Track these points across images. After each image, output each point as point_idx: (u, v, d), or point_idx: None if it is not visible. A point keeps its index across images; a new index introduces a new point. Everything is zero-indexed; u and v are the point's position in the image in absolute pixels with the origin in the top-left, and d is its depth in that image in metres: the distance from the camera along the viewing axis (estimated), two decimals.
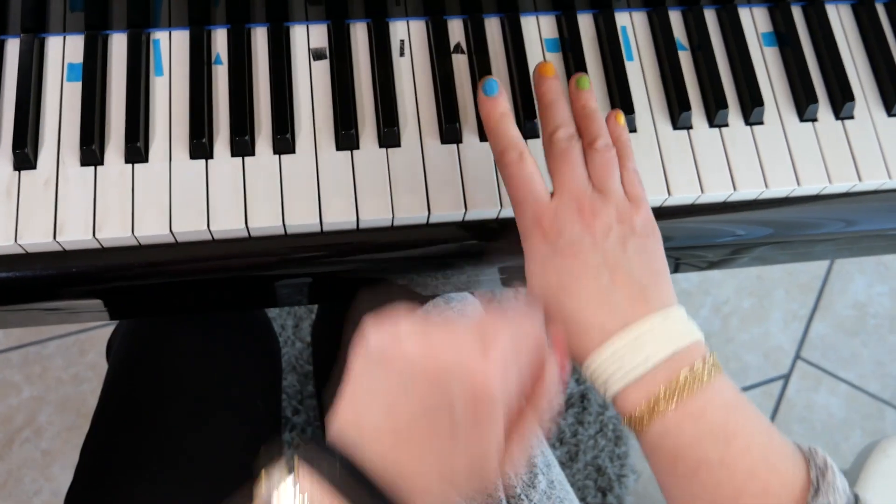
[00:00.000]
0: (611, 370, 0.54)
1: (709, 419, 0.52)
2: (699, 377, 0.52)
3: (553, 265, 0.56)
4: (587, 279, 0.55)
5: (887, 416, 1.62)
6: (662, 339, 0.53)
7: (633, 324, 0.54)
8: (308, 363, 1.32)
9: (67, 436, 1.48)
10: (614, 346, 0.53)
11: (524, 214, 0.58)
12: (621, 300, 0.55)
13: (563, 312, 0.55)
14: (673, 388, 0.52)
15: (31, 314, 0.72)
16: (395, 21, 0.72)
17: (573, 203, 0.57)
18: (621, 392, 0.54)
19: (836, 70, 0.74)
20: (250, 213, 0.64)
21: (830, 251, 0.80)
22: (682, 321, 0.55)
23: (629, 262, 0.56)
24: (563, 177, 0.58)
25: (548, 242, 0.56)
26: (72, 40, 0.68)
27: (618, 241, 0.56)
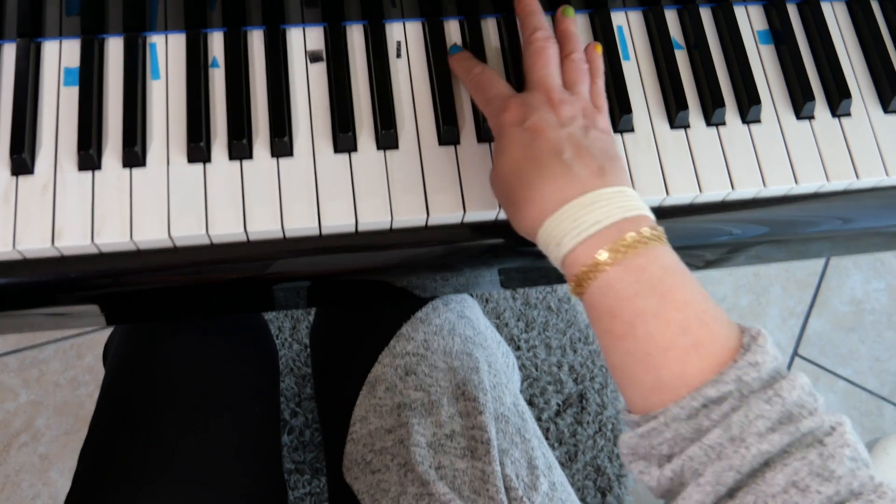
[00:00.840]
0: (565, 227, 0.56)
1: (650, 274, 0.55)
2: (644, 240, 0.55)
3: (521, 140, 0.60)
4: (550, 153, 0.59)
5: (886, 412, 1.62)
6: (615, 206, 0.56)
7: (591, 191, 0.57)
8: (305, 365, 1.32)
9: (65, 440, 1.48)
10: (571, 207, 0.57)
11: (493, 105, 0.63)
12: (581, 172, 0.58)
13: (526, 182, 0.59)
14: (618, 245, 0.55)
15: (29, 319, 0.71)
16: (391, 23, 0.72)
17: (543, 93, 0.62)
18: (572, 249, 0.56)
19: (832, 67, 0.74)
20: (249, 217, 0.64)
21: (827, 249, 0.80)
22: (634, 197, 0.58)
23: (590, 146, 0.59)
24: (537, 72, 0.63)
25: (517, 122, 0.60)
26: (68, 44, 0.68)
27: (581, 128, 0.60)
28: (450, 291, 0.80)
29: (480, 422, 0.75)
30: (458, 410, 0.77)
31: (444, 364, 0.79)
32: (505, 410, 0.79)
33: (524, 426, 0.80)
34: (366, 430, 0.78)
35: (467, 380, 0.78)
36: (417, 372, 0.79)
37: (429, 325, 0.81)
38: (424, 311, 0.82)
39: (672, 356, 0.53)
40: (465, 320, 0.84)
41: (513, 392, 0.83)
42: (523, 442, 0.78)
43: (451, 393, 0.78)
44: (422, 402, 0.77)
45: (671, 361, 0.53)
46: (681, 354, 0.53)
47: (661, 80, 0.72)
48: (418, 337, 0.81)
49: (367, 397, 0.79)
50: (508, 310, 1.42)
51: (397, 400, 0.78)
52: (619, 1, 0.74)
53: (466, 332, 0.83)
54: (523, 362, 1.34)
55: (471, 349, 0.81)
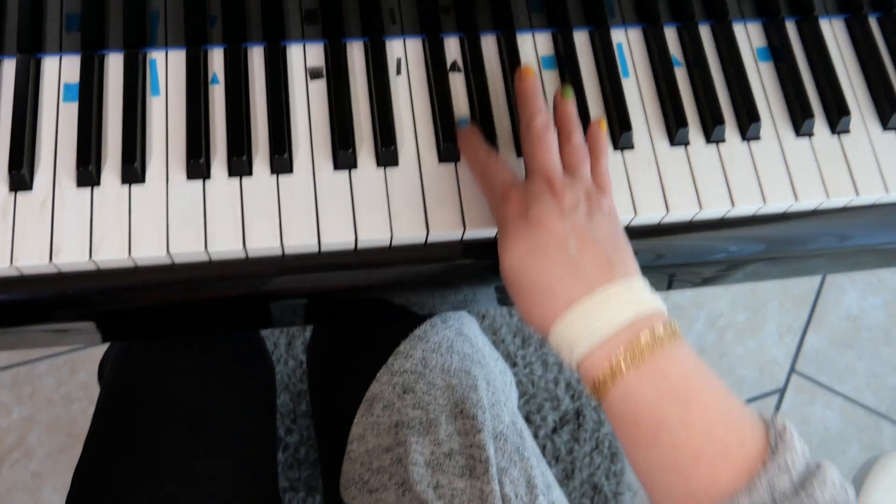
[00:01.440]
0: (576, 332, 0.55)
1: (668, 380, 0.54)
2: (659, 340, 0.54)
3: (523, 235, 0.58)
4: (555, 248, 0.57)
5: (884, 429, 1.62)
6: (626, 304, 0.55)
7: (598, 288, 0.56)
8: (301, 382, 1.31)
9: (58, 457, 1.47)
10: (581, 309, 0.55)
11: (495, 195, 0.62)
12: (588, 268, 0.57)
13: (532, 280, 0.58)
14: (633, 349, 0.54)
15: (24, 336, 0.71)
16: (391, 39, 0.72)
17: (544, 180, 0.60)
18: (586, 355, 0.55)
19: (831, 85, 0.74)
20: (248, 233, 0.63)
21: (824, 266, 0.80)
22: (645, 290, 0.57)
23: (595, 234, 0.58)
24: (537, 159, 0.62)
25: (519, 215, 0.59)
26: (68, 60, 0.68)
27: (585, 214, 0.59)
28: (448, 309, 0.80)
29: (479, 440, 0.75)
30: (456, 429, 0.76)
31: (443, 382, 0.79)
32: (503, 429, 0.78)
33: (523, 445, 0.79)
34: (363, 449, 0.78)
35: (466, 398, 0.78)
36: (415, 390, 0.78)
37: (427, 342, 0.81)
38: (423, 328, 0.82)
39: (702, 464, 0.52)
40: (464, 338, 0.84)
41: (511, 410, 0.83)
42: (522, 461, 0.77)
43: (450, 411, 0.77)
44: (420, 420, 0.77)
45: (701, 471, 0.52)
46: (710, 462, 0.52)
47: (660, 97, 0.72)
48: (416, 354, 0.80)
49: (365, 415, 0.79)
50: (505, 326, 1.42)
51: (395, 418, 0.77)
52: (618, 18, 0.74)
53: (465, 349, 0.82)
54: (520, 379, 1.34)
55: (469, 367, 0.81)
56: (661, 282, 0.78)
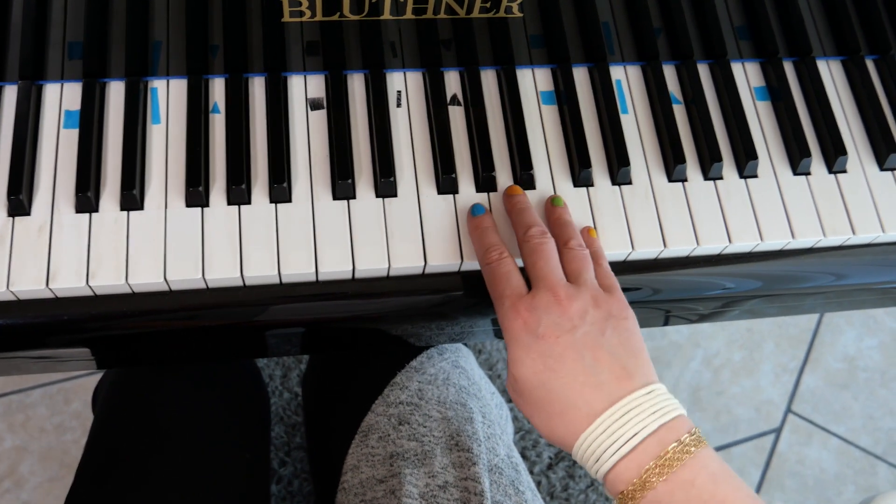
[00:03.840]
0: (603, 447, 0.55)
1: (698, 488, 0.54)
2: (687, 449, 0.54)
3: (537, 349, 0.58)
4: (570, 360, 0.57)
5: (879, 471, 1.61)
6: (649, 414, 0.56)
7: (620, 400, 0.56)
8: (296, 414, 1.30)
9: (49, 487, 1.45)
10: (605, 423, 0.56)
11: (503, 306, 0.61)
12: (606, 378, 0.57)
13: (550, 393, 0.58)
14: (663, 460, 0.54)
15: (16, 362, 0.71)
16: (392, 72, 0.72)
17: (549, 292, 0.60)
18: (613, 468, 0.55)
19: (828, 124, 0.74)
20: (246, 262, 0.63)
21: (820, 305, 0.80)
22: (665, 396, 0.57)
23: (608, 343, 0.58)
24: (539, 270, 0.61)
25: (528, 329, 0.59)
26: (69, 87, 0.68)
27: (596, 323, 0.59)
28: (445, 341, 0.80)
29: (474, 473, 0.74)
30: (451, 461, 0.76)
31: (438, 414, 0.78)
32: (499, 462, 0.78)
33: (518, 478, 0.79)
34: (357, 480, 0.77)
35: (461, 430, 0.77)
36: (411, 421, 0.78)
37: (423, 374, 0.81)
38: (419, 359, 0.82)
39: None
40: (460, 370, 0.84)
41: (507, 443, 0.82)
42: (517, 494, 0.76)
43: (445, 443, 0.77)
44: (415, 451, 0.76)
45: None
46: None
47: (659, 133, 0.73)
48: (412, 386, 0.80)
49: (360, 446, 0.78)
50: (501, 361, 1.42)
51: (390, 449, 0.77)
52: (618, 55, 0.75)
53: (461, 381, 0.82)
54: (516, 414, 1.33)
55: (465, 399, 0.80)
56: (657, 318, 0.78)
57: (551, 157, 0.71)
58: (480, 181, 0.69)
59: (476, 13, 0.70)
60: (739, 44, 0.76)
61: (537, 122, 0.72)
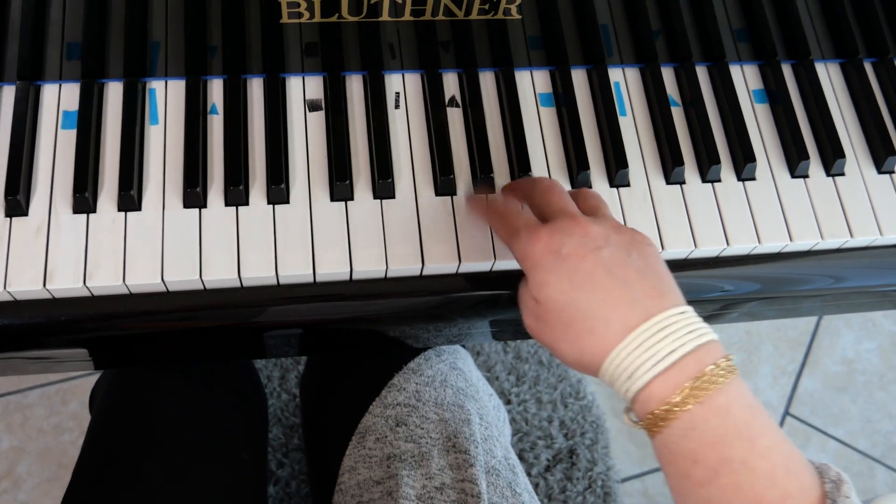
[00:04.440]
0: (638, 361, 0.52)
1: (734, 416, 0.51)
2: (724, 374, 0.52)
3: (562, 269, 0.55)
4: (601, 276, 0.54)
5: (877, 474, 1.61)
6: (687, 332, 0.53)
7: (655, 315, 0.53)
8: (293, 415, 1.30)
9: (47, 487, 1.45)
10: (641, 337, 0.52)
11: (520, 238, 0.58)
12: (639, 294, 0.54)
13: (580, 311, 0.54)
14: (700, 381, 0.51)
15: (13, 363, 0.71)
16: (390, 74, 0.72)
17: (567, 217, 0.57)
18: (647, 385, 0.52)
19: (826, 127, 0.74)
20: (243, 263, 0.63)
21: (818, 307, 0.80)
22: (698, 318, 0.54)
23: (636, 263, 0.55)
24: (555, 204, 0.59)
25: (550, 251, 0.55)
26: (67, 88, 0.68)
27: (620, 245, 0.56)
28: (442, 342, 0.80)
29: (471, 475, 0.74)
30: (448, 463, 0.76)
31: (436, 415, 0.78)
32: (496, 464, 0.78)
33: (515, 480, 0.79)
34: (354, 481, 0.77)
35: (458, 432, 0.77)
36: (408, 423, 0.78)
37: (420, 375, 0.81)
38: (416, 361, 0.82)
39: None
40: (458, 372, 0.84)
41: (504, 445, 0.82)
42: (514, 496, 0.76)
43: (442, 445, 0.77)
44: (412, 453, 0.76)
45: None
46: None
47: (657, 136, 0.73)
48: (410, 387, 0.80)
49: (357, 447, 0.78)
50: (500, 363, 1.42)
51: (387, 451, 0.77)
52: (616, 57, 0.75)
53: (458, 383, 0.82)
54: (514, 416, 1.33)
55: (462, 401, 0.80)
56: None
57: (549, 160, 0.71)
58: (479, 183, 0.68)
59: (474, 15, 0.70)
60: (738, 46, 0.76)
61: (535, 124, 0.72)
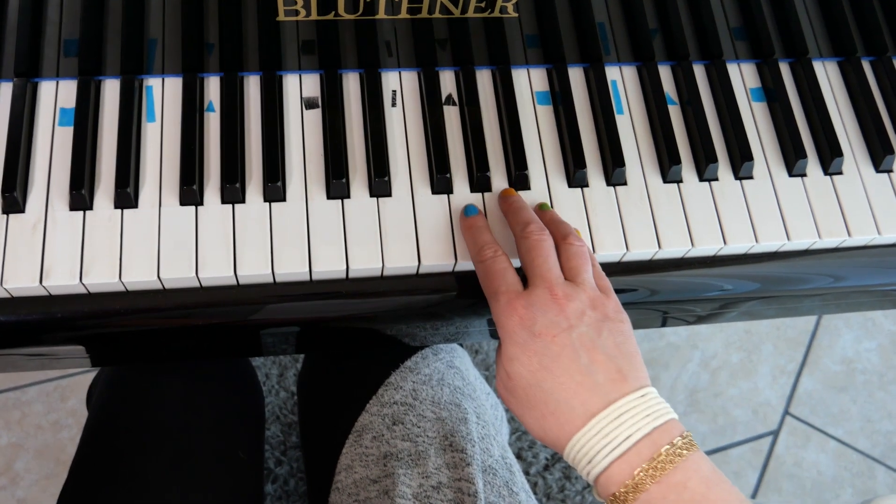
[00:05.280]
0: (597, 447, 0.55)
1: (690, 491, 0.54)
2: (679, 452, 0.55)
3: (532, 347, 0.58)
4: (566, 359, 0.57)
5: (877, 474, 1.61)
6: (643, 417, 0.56)
7: (615, 402, 0.56)
8: (292, 413, 1.30)
9: (45, 484, 1.45)
10: (600, 424, 0.56)
11: (499, 303, 0.60)
12: (602, 379, 0.57)
13: (544, 393, 0.57)
14: (656, 462, 0.54)
15: (12, 359, 0.71)
16: (387, 72, 0.72)
17: (547, 290, 0.59)
18: (606, 469, 0.55)
19: (824, 126, 0.74)
20: (239, 260, 0.63)
21: (818, 307, 0.80)
22: (658, 400, 0.57)
23: (604, 344, 0.58)
24: (537, 267, 0.61)
25: (524, 326, 0.58)
26: (65, 85, 0.68)
27: (592, 324, 0.58)
28: (440, 341, 0.80)
29: (468, 474, 0.74)
30: (445, 461, 0.76)
31: (433, 414, 0.78)
32: (493, 462, 0.78)
33: (512, 479, 0.79)
34: (351, 480, 0.77)
35: (455, 430, 0.77)
36: (405, 421, 0.78)
37: (417, 374, 0.81)
38: (413, 359, 0.82)
39: None
40: (455, 370, 0.83)
41: (501, 444, 0.82)
42: (511, 495, 0.76)
43: (439, 443, 0.77)
44: (409, 452, 0.76)
45: None
46: None
47: (654, 134, 0.73)
48: (407, 386, 0.80)
49: (354, 446, 0.78)
50: None
51: (384, 449, 0.77)
52: (613, 56, 0.75)
53: (455, 382, 0.82)
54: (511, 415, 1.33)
55: (459, 400, 0.80)
56: (655, 319, 0.78)
57: (546, 158, 0.71)
58: (475, 181, 0.68)
59: (471, 13, 0.70)
60: (735, 45, 0.76)
61: (532, 122, 0.72)
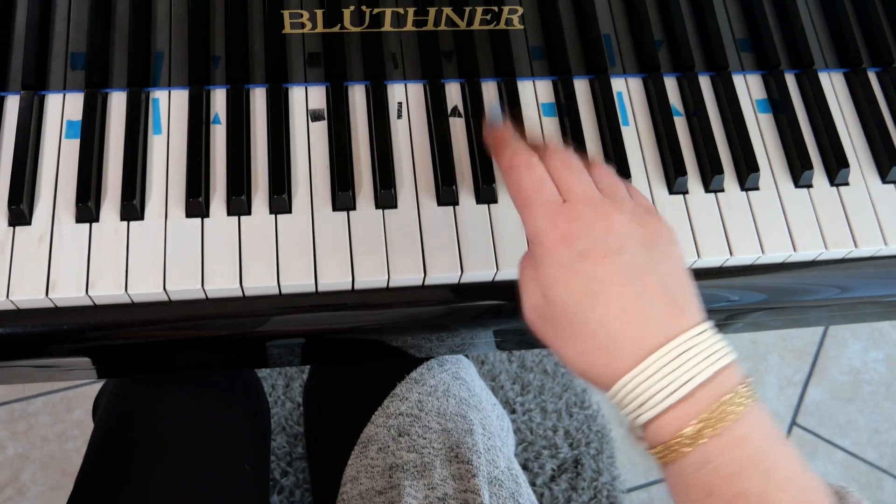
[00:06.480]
0: (652, 391, 0.49)
1: (752, 446, 0.48)
2: (742, 402, 0.49)
3: (577, 269, 0.50)
4: (617, 285, 0.50)
5: (885, 485, 1.60)
6: (704, 357, 0.49)
7: (673, 339, 0.49)
8: (298, 424, 1.30)
9: (51, 495, 1.46)
10: (657, 365, 0.49)
11: (535, 217, 0.53)
12: (658, 310, 0.50)
13: (591, 323, 0.50)
14: (718, 412, 0.48)
15: (19, 371, 0.71)
16: (393, 84, 0.72)
17: (588, 205, 0.52)
18: (660, 416, 0.49)
19: (830, 137, 0.74)
20: (245, 272, 0.63)
21: (825, 317, 0.79)
22: (718, 338, 0.51)
23: (658, 269, 0.51)
24: (570, 182, 0.53)
25: (567, 243, 0.51)
26: (71, 98, 0.68)
27: (643, 245, 0.51)
28: (445, 352, 0.80)
29: (474, 485, 0.74)
30: (451, 473, 0.75)
31: (438, 425, 0.78)
32: (499, 474, 0.78)
33: (518, 491, 0.78)
34: (356, 491, 0.77)
35: (461, 442, 0.77)
36: (411, 433, 0.78)
37: (423, 385, 0.81)
38: (419, 371, 0.82)
39: None
40: (461, 381, 0.83)
41: (507, 455, 0.82)
42: None
43: (445, 455, 0.76)
44: (414, 463, 0.76)
45: None
46: None
47: (660, 146, 0.73)
48: (412, 397, 0.80)
49: (359, 457, 0.78)
50: (504, 372, 1.41)
51: (389, 461, 0.77)
52: (619, 67, 0.75)
53: (461, 393, 0.82)
54: (518, 426, 1.33)
55: (465, 411, 0.80)
56: None
57: None
58: (481, 193, 0.68)
59: (477, 25, 0.70)
60: (741, 56, 0.76)
61: (538, 133, 0.72)
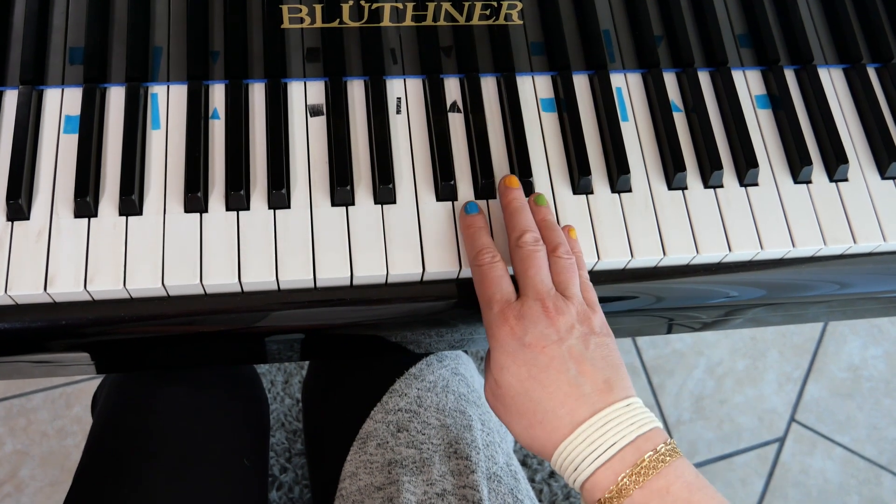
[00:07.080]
0: (583, 454, 0.57)
1: (673, 496, 0.56)
2: (662, 458, 0.56)
3: (522, 357, 0.60)
4: (555, 370, 0.59)
5: (884, 481, 1.60)
6: (628, 425, 0.58)
7: (601, 410, 0.58)
8: (297, 420, 1.30)
9: (50, 491, 1.46)
10: (586, 433, 0.58)
11: (491, 310, 0.62)
12: (589, 389, 0.59)
13: (533, 401, 0.59)
14: (639, 468, 0.56)
15: (18, 366, 0.71)
16: (392, 79, 0.72)
17: (538, 302, 0.61)
18: (591, 476, 0.57)
19: (829, 133, 0.74)
20: (244, 268, 0.63)
21: (824, 314, 0.79)
22: (643, 409, 0.59)
23: (592, 356, 0.60)
24: (529, 279, 0.62)
25: (515, 337, 0.60)
26: (70, 92, 0.68)
27: (580, 338, 0.60)
28: (444, 348, 0.80)
29: (472, 481, 0.74)
30: (449, 469, 0.75)
31: (437, 421, 0.78)
32: (498, 470, 0.78)
33: (517, 487, 0.78)
34: (355, 487, 0.77)
35: (460, 438, 0.77)
36: (410, 429, 0.78)
37: (422, 381, 0.81)
38: (418, 366, 0.82)
39: None
40: (460, 377, 0.83)
41: (506, 451, 0.82)
42: (516, 502, 0.76)
43: (444, 451, 0.77)
44: (413, 459, 0.76)
45: None
46: None
47: (659, 141, 0.73)
48: (411, 393, 0.80)
49: (358, 453, 0.78)
50: None
51: (388, 457, 0.77)
52: (618, 63, 0.75)
53: (460, 389, 0.82)
54: None
55: (464, 407, 0.80)
56: (660, 326, 0.78)
57: (551, 165, 0.71)
58: (480, 188, 0.68)
59: (476, 20, 0.70)
60: (740, 52, 0.76)
61: (537, 129, 0.72)
